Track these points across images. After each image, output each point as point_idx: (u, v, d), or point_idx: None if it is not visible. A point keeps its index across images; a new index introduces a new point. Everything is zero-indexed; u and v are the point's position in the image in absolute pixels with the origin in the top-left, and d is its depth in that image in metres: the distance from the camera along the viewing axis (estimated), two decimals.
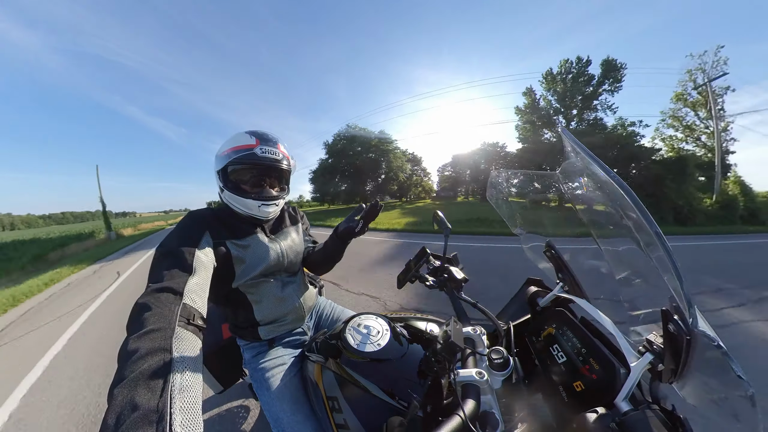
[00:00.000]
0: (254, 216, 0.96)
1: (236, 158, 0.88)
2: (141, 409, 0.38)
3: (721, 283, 3.72)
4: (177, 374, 0.44)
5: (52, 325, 3.66)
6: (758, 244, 6.91)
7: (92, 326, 3.52)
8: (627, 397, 0.54)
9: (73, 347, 2.99)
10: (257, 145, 0.89)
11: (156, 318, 0.53)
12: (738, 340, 2.42)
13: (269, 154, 0.90)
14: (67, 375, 2.46)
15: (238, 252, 0.91)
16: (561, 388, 0.65)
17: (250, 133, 0.92)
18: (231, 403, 1.93)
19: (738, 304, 3.11)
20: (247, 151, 0.88)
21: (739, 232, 9.27)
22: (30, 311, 4.42)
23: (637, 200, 0.50)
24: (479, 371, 0.64)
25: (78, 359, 2.71)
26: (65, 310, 4.19)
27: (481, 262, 5.09)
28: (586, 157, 0.55)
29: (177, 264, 0.69)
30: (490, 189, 1.06)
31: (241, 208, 0.94)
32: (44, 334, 3.39)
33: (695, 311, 0.46)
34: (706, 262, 4.96)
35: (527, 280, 1.00)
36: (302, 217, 1.27)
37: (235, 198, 0.92)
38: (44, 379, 2.45)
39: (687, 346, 0.47)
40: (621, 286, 0.69)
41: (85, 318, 3.80)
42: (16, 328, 3.75)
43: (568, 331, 0.71)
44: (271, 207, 0.96)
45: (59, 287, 5.86)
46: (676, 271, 0.45)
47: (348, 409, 0.72)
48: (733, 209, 12.80)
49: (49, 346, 3.04)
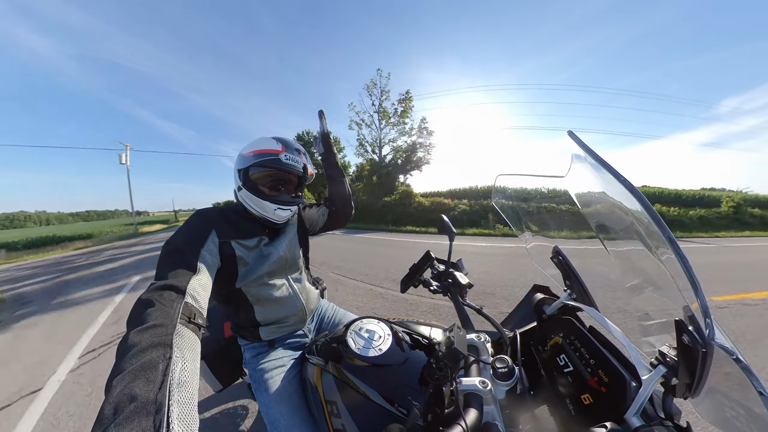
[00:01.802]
0: (268, 218, 0.97)
1: (260, 161, 0.90)
2: (139, 400, 0.38)
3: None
4: (176, 369, 0.45)
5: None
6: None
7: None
8: (638, 412, 0.52)
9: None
10: (282, 152, 0.91)
11: (158, 314, 0.54)
12: None
13: (292, 162, 0.92)
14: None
15: (242, 252, 0.92)
16: (568, 400, 0.62)
17: (277, 139, 0.95)
18: (230, 402, 1.93)
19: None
20: (273, 156, 0.90)
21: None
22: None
23: (649, 204, 0.48)
24: (483, 380, 0.62)
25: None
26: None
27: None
28: (594, 160, 0.54)
29: (181, 262, 0.71)
30: (495, 193, 1.05)
31: (257, 209, 0.95)
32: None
33: (712, 322, 0.44)
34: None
35: (533, 287, 0.98)
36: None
37: (252, 198, 0.94)
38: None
39: (703, 359, 0.44)
40: (631, 294, 0.66)
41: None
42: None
43: (575, 341, 0.68)
44: (286, 212, 0.97)
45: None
46: (690, 278, 0.43)
47: (346, 414, 0.70)
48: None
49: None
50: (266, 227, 1.02)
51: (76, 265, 8.50)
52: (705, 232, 11.27)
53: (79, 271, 7.25)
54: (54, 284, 6.00)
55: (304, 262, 1.18)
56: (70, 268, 8.02)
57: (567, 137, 0.60)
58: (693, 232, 11.25)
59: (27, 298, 5.06)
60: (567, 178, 0.69)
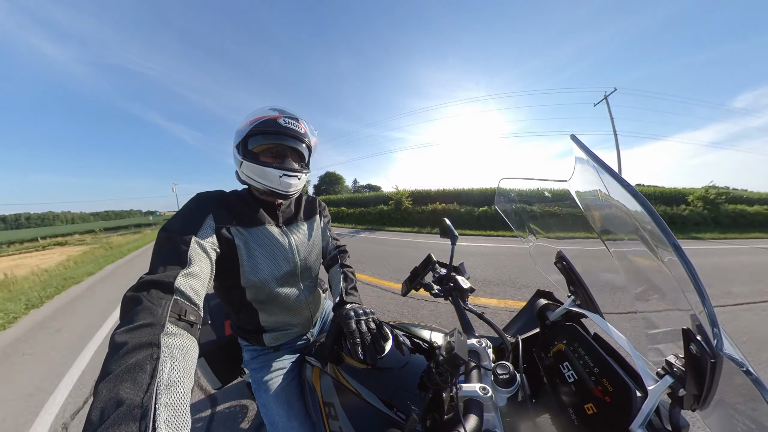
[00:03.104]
0: (275, 189, 0.86)
1: (257, 128, 0.83)
2: (125, 405, 0.37)
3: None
4: (164, 370, 0.43)
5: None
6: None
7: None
8: (644, 423, 0.50)
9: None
10: (280, 117, 0.85)
11: (146, 312, 0.51)
12: None
13: (292, 125, 0.85)
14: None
15: (240, 240, 0.84)
16: (571, 409, 0.61)
17: (272, 108, 0.88)
18: (230, 402, 1.93)
19: None
20: (270, 120, 0.83)
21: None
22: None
23: (653, 210, 0.47)
24: (483, 387, 0.61)
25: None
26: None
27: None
28: (596, 164, 0.53)
29: (173, 253, 0.66)
30: (498, 197, 1.04)
31: (261, 180, 0.86)
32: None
33: (720, 331, 0.42)
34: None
35: (536, 292, 0.96)
36: (323, 209, 1.14)
37: (254, 169, 0.84)
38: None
39: (711, 370, 0.43)
40: (637, 302, 0.64)
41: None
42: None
43: (579, 348, 0.67)
44: (293, 179, 0.87)
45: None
46: (697, 286, 0.42)
47: (344, 416, 0.70)
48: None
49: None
50: (271, 214, 0.94)
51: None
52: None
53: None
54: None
55: (319, 264, 1.09)
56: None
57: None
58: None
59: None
60: (571, 182, 0.68)
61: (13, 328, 4.03)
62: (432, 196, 17.43)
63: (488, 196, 14.76)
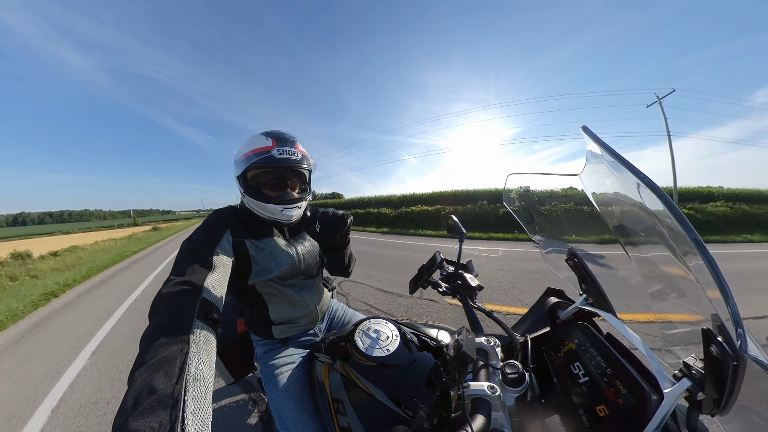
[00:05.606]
0: (277, 220, 0.95)
1: (254, 162, 0.87)
2: (158, 394, 0.40)
3: None
4: (192, 364, 0.46)
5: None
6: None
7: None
8: (659, 428, 0.48)
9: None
10: (274, 147, 0.87)
11: (177, 309, 0.56)
12: None
13: (287, 155, 0.88)
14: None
15: (255, 252, 0.92)
16: (581, 411, 0.59)
17: (266, 134, 0.90)
18: (242, 395, 1.99)
19: None
20: (265, 154, 0.86)
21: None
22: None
23: (673, 204, 0.45)
24: (491, 385, 0.60)
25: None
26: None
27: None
28: (611, 156, 0.51)
29: (198, 260, 0.73)
30: (506, 193, 1.02)
31: (264, 213, 0.93)
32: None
33: (744, 332, 0.40)
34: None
35: (547, 290, 0.94)
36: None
37: (256, 203, 0.91)
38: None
39: (734, 373, 0.41)
40: (653, 300, 0.62)
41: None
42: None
43: (591, 348, 0.65)
44: (294, 210, 0.94)
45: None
46: (720, 284, 0.40)
47: (352, 412, 0.70)
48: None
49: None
50: (279, 228, 1.02)
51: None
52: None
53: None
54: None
55: (321, 266, 1.15)
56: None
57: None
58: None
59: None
60: (582, 176, 0.65)
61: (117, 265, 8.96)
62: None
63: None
